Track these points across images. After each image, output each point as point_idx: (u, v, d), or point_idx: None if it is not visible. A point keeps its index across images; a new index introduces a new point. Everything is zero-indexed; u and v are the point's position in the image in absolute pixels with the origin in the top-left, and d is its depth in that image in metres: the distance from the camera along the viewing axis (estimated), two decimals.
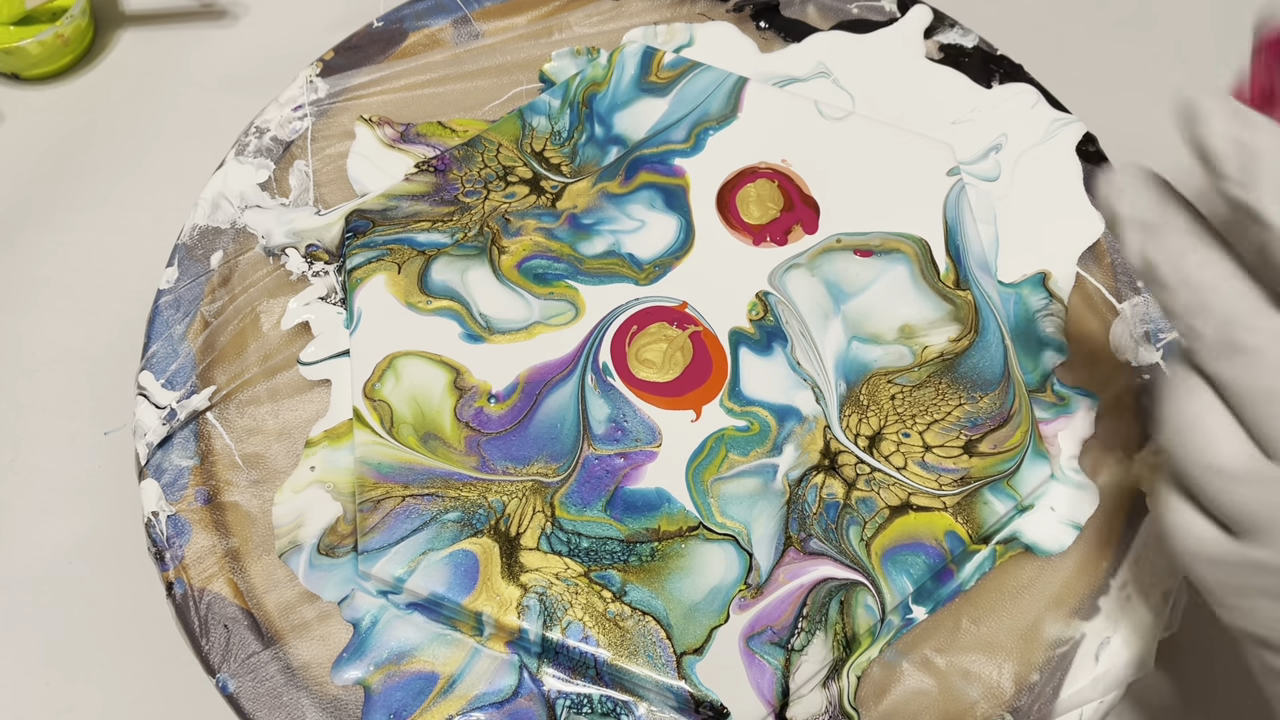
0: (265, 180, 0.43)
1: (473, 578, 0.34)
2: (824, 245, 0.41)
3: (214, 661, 0.34)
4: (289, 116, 0.45)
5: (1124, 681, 0.33)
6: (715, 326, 0.39)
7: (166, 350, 0.39)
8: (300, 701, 0.33)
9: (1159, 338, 0.39)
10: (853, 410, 0.37)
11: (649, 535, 0.35)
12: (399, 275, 0.40)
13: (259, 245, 0.42)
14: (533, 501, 0.35)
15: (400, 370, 0.38)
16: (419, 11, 0.48)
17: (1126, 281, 0.41)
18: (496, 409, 0.37)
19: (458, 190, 0.42)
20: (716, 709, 0.32)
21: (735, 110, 0.44)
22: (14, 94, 0.55)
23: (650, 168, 0.43)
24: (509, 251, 0.41)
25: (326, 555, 0.36)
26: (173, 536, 0.36)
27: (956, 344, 0.39)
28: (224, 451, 0.38)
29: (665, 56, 0.46)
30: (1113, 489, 0.37)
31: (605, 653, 0.33)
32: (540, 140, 0.44)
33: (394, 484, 0.36)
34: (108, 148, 0.53)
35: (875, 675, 0.34)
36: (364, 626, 0.34)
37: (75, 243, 0.50)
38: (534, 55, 0.47)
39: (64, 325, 0.48)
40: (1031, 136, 0.44)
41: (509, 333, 0.39)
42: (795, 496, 0.36)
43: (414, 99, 0.46)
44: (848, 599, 0.34)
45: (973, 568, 0.35)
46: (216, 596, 0.35)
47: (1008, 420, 0.37)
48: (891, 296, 0.40)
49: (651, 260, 0.41)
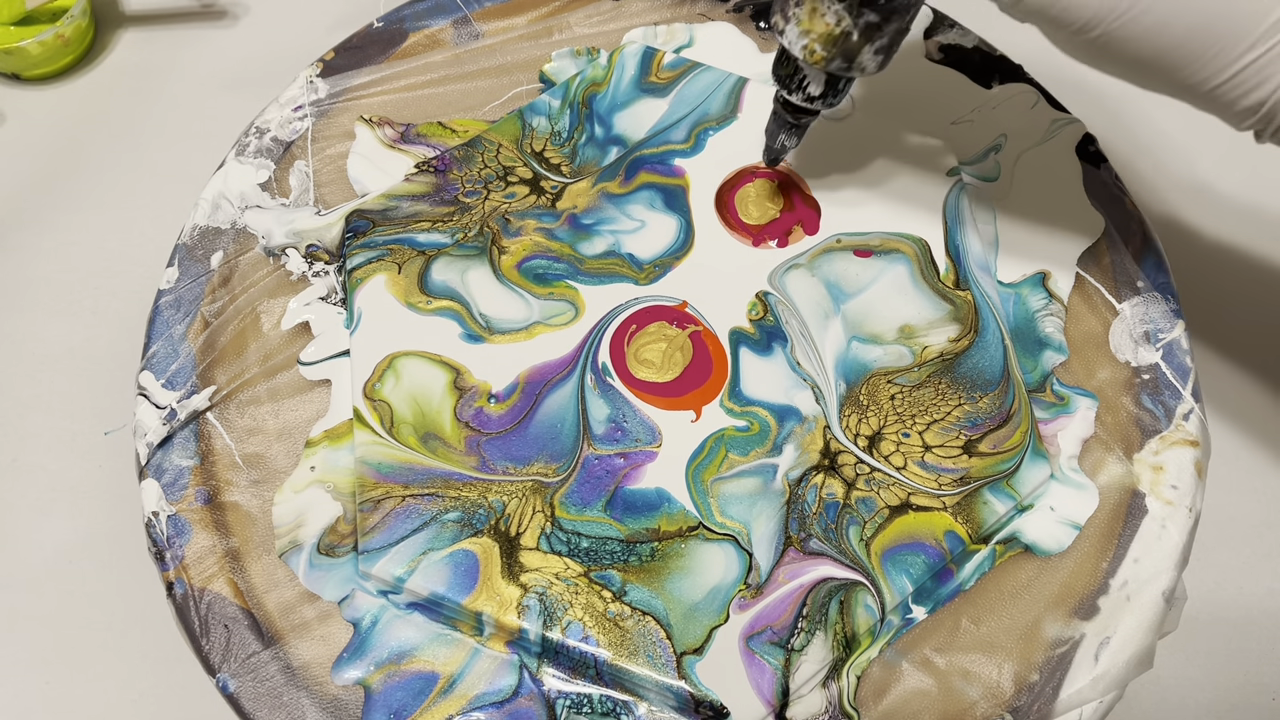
0: (265, 180, 0.43)
1: (473, 577, 0.34)
2: (824, 245, 0.41)
3: (214, 661, 0.34)
4: (289, 117, 0.45)
5: (1124, 681, 0.33)
6: (715, 326, 0.39)
7: (167, 350, 0.39)
8: (300, 701, 0.33)
9: (1159, 338, 0.39)
10: (853, 410, 0.37)
11: (649, 535, 0.35)
12: (399, 275, 0.40)
13: (259, 245, 0.42)
14: (533, 501, 0.36)
15: (400, 370, 0.38)
16: (419, 12, 0.48)
17: (1126, 281, 0.41)
18: (496, 409, 0.37)
19: (458, 190, 0.42)
20: (716, 709, 0.32)
21: (735, 110, 0.44)
22: (14, 94, 0.55)
23: (650, 168, 0.43)
24: (509, 251, 0.41)
25: (327, 555, 0.36)
26: (173, 536, 0.36)
27: (956, 344, 0.39)
28: (224, 451, 0.38)
29: (665, 57, 0.46)
30: (1113, 489, 0.37)
31: (605, 653, 0.33)
32: (540, 140, 0.44)
33: (394, 484, 0.36)
34: (108, 148, 0.53)
35: (875, 675, 0.34)
36: (364, 626, 0.34)
37: (75, 243, 0.50)
38: (534, 55, 0.47)
39: (64, 325, 0.48)
40: (1031, 136, 0.44)
41: (509, 333, 0.39)
42: (795, 496, 0.36)
43: (414, 99, 0.46)
44: (848, 599, 0.34)
45: (972, 568, 0.35)
46: (217, 596, 0.35)
47: (1007, 420, 0.37)
48: (891, 296, 0.40)
49: (651, 260, 0.41)
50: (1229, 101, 0.28)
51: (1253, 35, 0.27)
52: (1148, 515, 0.36)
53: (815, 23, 0.33)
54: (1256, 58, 0.27)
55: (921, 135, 0.44)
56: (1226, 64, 0.27)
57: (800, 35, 0.33)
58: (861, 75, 0.35)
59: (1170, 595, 0.35)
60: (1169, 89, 0.29)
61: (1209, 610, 0.41)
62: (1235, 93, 0.28)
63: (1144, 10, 0.27)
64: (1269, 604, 0.41)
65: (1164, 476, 0.37)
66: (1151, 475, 0.37)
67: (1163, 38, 0.28)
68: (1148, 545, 0.36)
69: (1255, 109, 0.28)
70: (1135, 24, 0.28)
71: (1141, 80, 0.30)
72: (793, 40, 0.34)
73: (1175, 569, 0.35)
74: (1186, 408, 0.38)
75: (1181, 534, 0.36)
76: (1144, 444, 0.38)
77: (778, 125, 0.39)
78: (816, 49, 0.33)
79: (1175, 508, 0.36)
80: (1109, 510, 0.36)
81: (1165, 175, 0.51)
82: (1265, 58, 0.27)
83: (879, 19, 0.32)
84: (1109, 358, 0.39)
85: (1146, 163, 0.51)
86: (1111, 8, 0.28)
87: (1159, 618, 0.34)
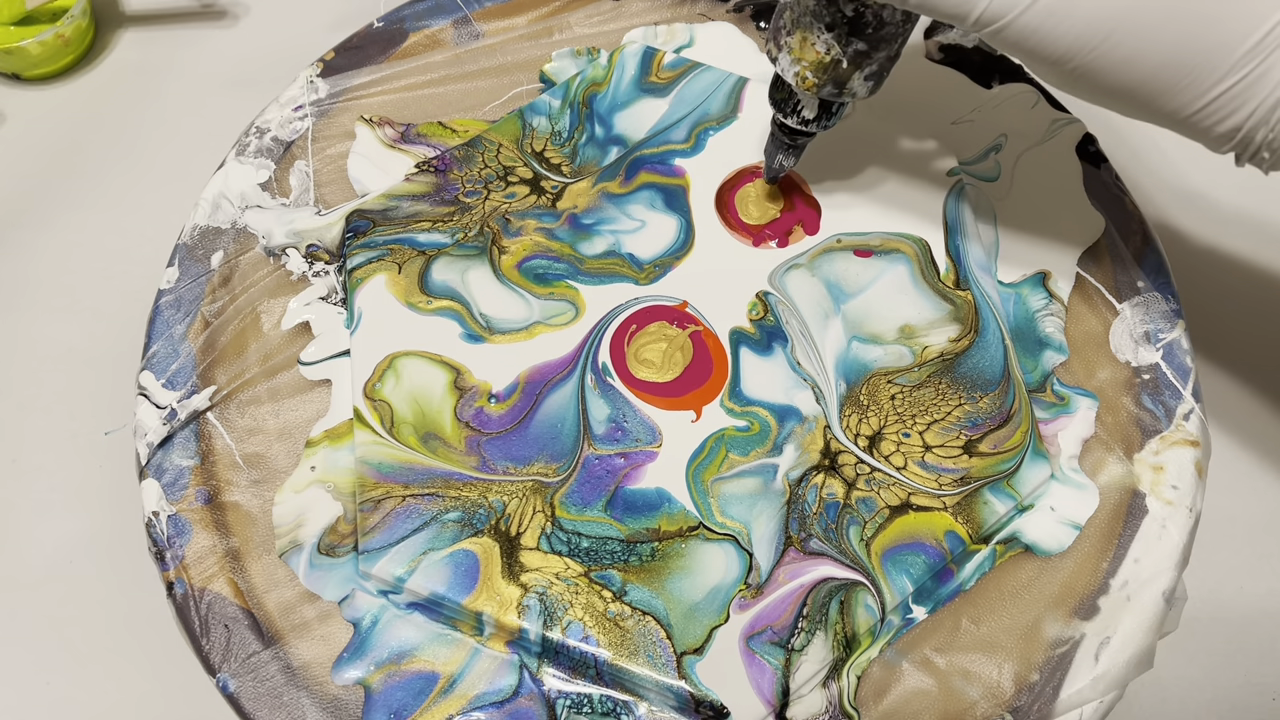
0: (266, 180, 0.43)
1: (473, 577, 0.34)
2: (824, 245, 0.41)
3: (214, 661, 0.34)
4: (289, 116, 0.45)
5: (1124, 681, 0.33)
6: (715, 326, 0.39)
7: (167, 350, 0.39)
8: (300, 701, 0.33)
9: (1159, 338, 0.39)
10: (853, 410, 0.37)
11: (649, 535, 0.35)
12: (399, 275, 0.40)
13: (259, 245, 0.42)
14: (533, 501, 0.36)
15: (400, 370, 0.38)
16: (419, 12, 0.48)
17: (1126, 281, 0.41)
18: (497, 409, 0.37)
19: (458, 190, 0.42)
20: (716, 709, 0.32)
21: (735, 110, 0.44)
22: (14, 94, 0.55)
23: (650, 168, 0.43)
24: (509, 251, 0.41)
25: (327, 555, 0.36)
26: (173, 536, 0.36)
27: (956, 344, 0.39)
28: (224, 451, 0.38)
29: (665, 57, 0.46)
30: (1113, 489, 0.37)
31: (605, 652, 0.33)
32: (540, 140, 0.44)
33: (394, 484, 0.36)
34: (108, 148, 0.53)
35: (875, 675, 0.34)
36: (364, 626, 0.34)
37: (75, 243, 0.50)
38: (534, 55, 0.47)
39: (64, 325, 0.48)
40: (1031, 136, 0.44)
41: (509, 333, 0.39)
42: (795, 496, 0.36)
43: (414, 99, 0.46)
44: (848, 599, 0.34)
45: (973, 567, 0.35)
46: (217, 596, 0.35)
47: (1008, 420, 0.37)
48: (892, 296, 0.40)
49: (652, 260, 0.41)
50: (1205, 129, 0.29)
51: (1225, 65, 0.28)
52: (1148, 515, 0.36)
53: (806, 51, 0.34)
54: (1229, 87, 0.28)
55: (922, 135, 0.44)
56: (1200, 94, 0.28)
57: (793, 63, 0.35)
58: (853, 100, 0.36)
59: (1170, 595, 0.35)
60: (1149, 117, 0.30)
61: (1209, 610, 0.41)
62: (1210, 120, 0.29)
63: (1116, 44, 0.28)
64: (1269, 604, 0.41)
65: (1164, 476, 0.37)
66: (1152, 475, 0.37)
67: (1136, 70, 0.29)
68: (1148, 545, 0.36)
69: (1231, 135, 0.29)
70: (1108, 57, 0.29)
71: (1122, 108, 0.31)
72: (786, 68, 0.35)
73: (1175, 569, 0.35)
74: (1187, 408, 0.38)
75: (1182, 534, 0.36)
76: (1144, 444, 0.38)
77: (776, 146, 0.40)
78: (808, 76, 0.35)
79: (1175, 508, 0.36)
80: (1109, 510, 0.36)
81: (1165, 175, 0.51)
82: (1238, 87, 0.28)
83: (867, 47, 0.33)
84: (1109, 358, 0.39)
85: (1146, 162, 0.51)
86: (1085, 41, 0.28)
87: (1159, 618, 0.34)
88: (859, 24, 0.33)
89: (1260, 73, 0.28)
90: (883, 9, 0.32)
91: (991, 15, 0.29)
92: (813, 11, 0.33)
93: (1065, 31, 0.28)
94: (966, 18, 0.29)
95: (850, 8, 0.32)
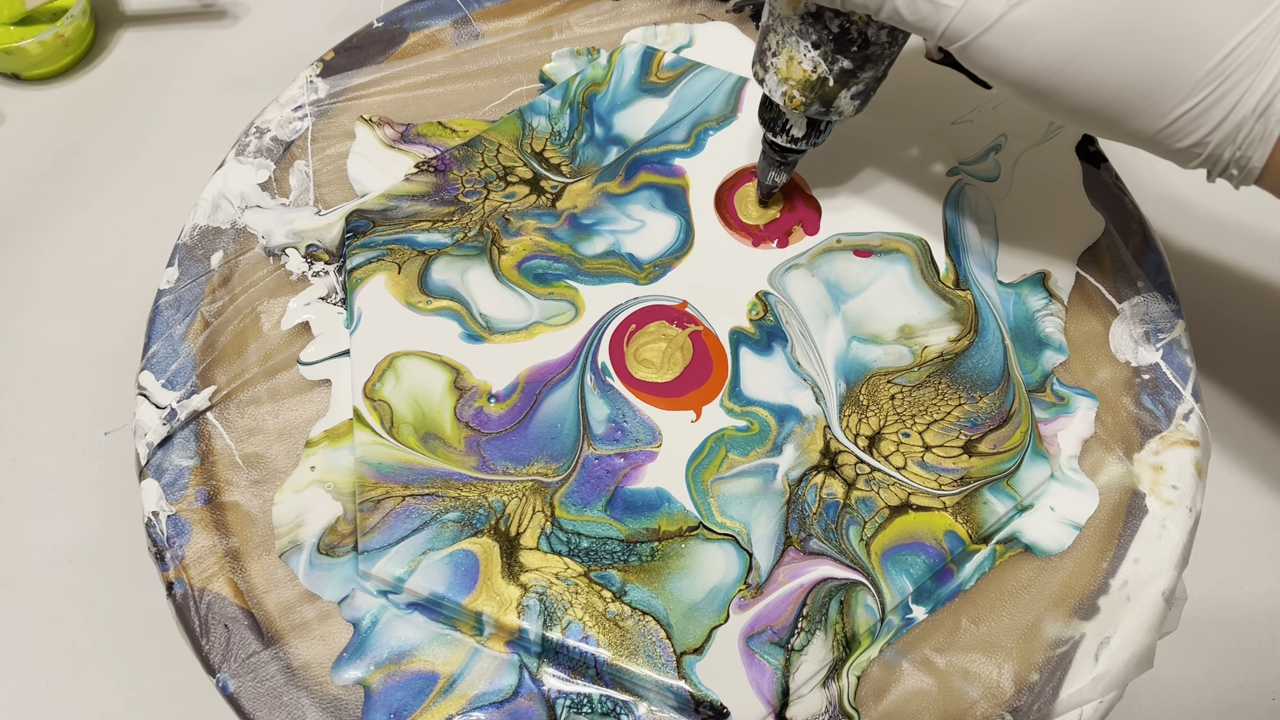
0: (265, 180, 0.43)
1: (473, 577, 0.34)
2: (824, 245, 0.41)
3: (214, 661, 0.34)
4: (289, 116, 0.45)
5: (1124, 681, 0.33)
6: (715, 326, 0.39)
7: (167, 350, 0.39)
8: (300, 701, 0.33)
9: (1159, 338, 0.39)
10: (853, 410, 0.37)
11: (649, 535, 0.35)
12: (399, 275, 0.40)
13: (259, 245, 0.42)
14: (533, 501, 0.36)
15: (400, 370, 0.38)
16: (419, 12, 0.48)
17: (1126, 281, 0.41)
18: (496, 409, 0.37)
19: (458, 190, 0.42)
20: (716, 709, 0.32)
21: (735, 110, 0.44)
22: (14, 94, 0.55)
23: (650, 168, 0.43)
24: (509, 251, 0.41)
25: (326, 555, 0.36)
26: (173, 536, 0.36)
27: (956, 344, 0.39)
28: (224, 451, 0.38)
29: (665, 57, 0.46)
30: (1113, 489, 0.37)
31: (605, 652, 0.33)
32: (540, 140, 0.44)
33: (394, 484, 0.36)
34: (108, 148, 0.53)
35: (875, 675, 0.34)
36: (364, 626, 0.34)
37: (75, 243, 0.50)
38: (534, 55, 0.47)
39: (64, 325, 0.48)
40: (1031, 136, 0.44)
41: (509, 333, 0.39)
42: (795, 496, 0.36)
43: (414, 99, 0.46)
44: (848, 599, 0.34)
45: (972, 567, 0.35)
46: (217, 596, 0.35)
47: (1007, 420, 0.37)
48: (891, 296, 0.40)
49: (651, 260, 0.41)
50: (1172, 147, 0.30)
51: (1187, 86, 0.28)
52: (1148, 515, 0.36)
53: (793, 70, 0.34)
54: (1192, 107, 0.29)
55: (922, 135, 0.44)
56: (1163, 113, 0.29)
57: (779, 82, 0.35)
58: (840, 119, 0.36)
59: (1170, 595, 0.35)
60: (1116, 135, 0.31)
61: (1209, 610, 0.41)
62: (1176, 139, 0.30)
63: (1078, 69, 0.29)
64: (1269, 604, 0.41)
65: (1164, 476, 0.37)
66: (1152, 475, 0.37)
67: (1101, 92, 0.29)
68: (1148, 545, 0.36)
69: (1197, 153, 0.30)
70: (1072, 81, 0.29)
71: (1089, 128, 0.31)
72: (773, 88, 0.35)
73: (1175, 569, 0.35)
74: (1186, 408, 0.38)
75: (1181, 534, 0.36)
76: (1144, 444, 0.38)
77: (767, 164, 0.40)
78: (795, 95, 0.35)
79: (1175, 508, 0.36)
80: (1109, 510, 0.36)
81: (1165, 175, 0.51)
82: (1200, 106, 0.29)
83: (854, 65, 0.34)
84: (1109, 357, 0.39)
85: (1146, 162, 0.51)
86: (1048, 65, 0.29)
87: (1159, 618, 0.34)
88: (844, 40, 0.33)
89: (1222, 93, 0.28)
90: (867, 26, 0.32)
91: (954, 33, 0.30)
92: (799, 30, 0.33)
93: (1029, 54, 0.29)
94: (933, 32, 0.30)
95: (836, 24, 0.33)
